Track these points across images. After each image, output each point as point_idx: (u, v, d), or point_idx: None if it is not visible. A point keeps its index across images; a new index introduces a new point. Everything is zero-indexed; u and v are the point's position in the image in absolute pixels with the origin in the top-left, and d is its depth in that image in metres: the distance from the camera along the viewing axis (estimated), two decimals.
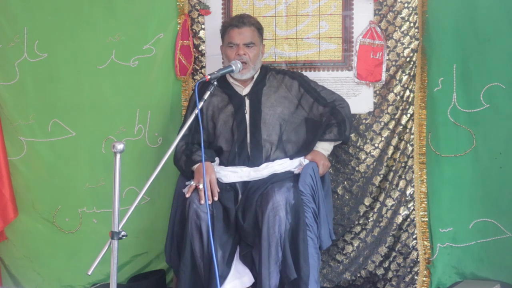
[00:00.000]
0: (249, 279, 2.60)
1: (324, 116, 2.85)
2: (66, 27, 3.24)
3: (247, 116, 2.81)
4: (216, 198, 2.58)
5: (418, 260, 3.07)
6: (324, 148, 2.84)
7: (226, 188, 2.66)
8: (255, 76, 2.86)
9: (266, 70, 2.92)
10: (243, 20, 2.79)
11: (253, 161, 2.75)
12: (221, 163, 2.80)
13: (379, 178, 3.11)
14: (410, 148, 3.08)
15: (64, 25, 3.24)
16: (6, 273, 3.33)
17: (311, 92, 2.88)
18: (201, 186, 2.55)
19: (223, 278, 2.50)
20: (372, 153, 3.11)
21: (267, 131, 2.78)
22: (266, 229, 2.47)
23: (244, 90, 2.85)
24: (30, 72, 3.27)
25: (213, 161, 2.73)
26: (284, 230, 2.47)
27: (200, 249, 2.53)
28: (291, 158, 2.79)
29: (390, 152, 3.10)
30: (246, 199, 2.65)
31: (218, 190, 2.60)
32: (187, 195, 2.59)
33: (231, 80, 2.86)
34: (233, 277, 2.59)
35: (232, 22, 2.80)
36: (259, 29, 2.85)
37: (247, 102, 2.83)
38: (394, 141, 3.10)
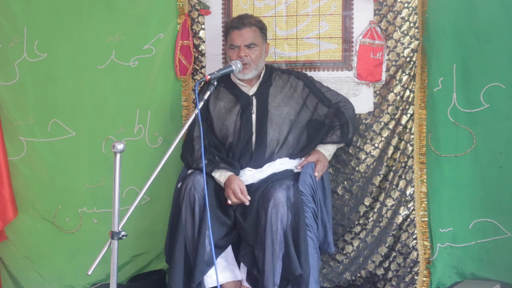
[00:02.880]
0: (239, 273, 2.66)
1: (328, 118, 2.85)
2: (66, 27, 3.24)
3: (254, 116, 2.81)
4: (247, 203, 2.61)
5: (418, 260, 3.07)
6: (327, 149, 2.84)
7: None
8: (261, 76, 2.86)
9: (271, 69, 2.92)
10: (243, 21, 2.78)
11: (256, 161, 2.76)
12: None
13: (379, 178, 3.11)
14: (410, 148, 3.08)
15: (64, 25, 3.24)
16: (6, 273, 3.33)
17: (315, 93, 2.88)
18: (229, 202, 2.62)
19: (209, 265, 2.52)
20: (372, 153, 3.11)
21: (273, 131, 2.79)
22: (269, 227, 2.48)
23: (251, 90, 2.85)
24: (30, 72, 3.27)
25: (237, 173, 2.72)
26: (286, 226, 2.49)
27: (191, 234, 2.56)
28: (291, 158, 2.80)
29: (390, 152, 3.10)
30: None
31: (249, 199, 2.62)
32: None
33: (236, 80, 2.86)
34: (225, 269, 2.64)
35: (233, 24, 2.79)
36: (261, 28, 2.83)
37: (254, 101, 2.83)
38: (394, 141, 3.10)
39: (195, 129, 2.82)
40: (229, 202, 2.62)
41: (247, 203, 2.60)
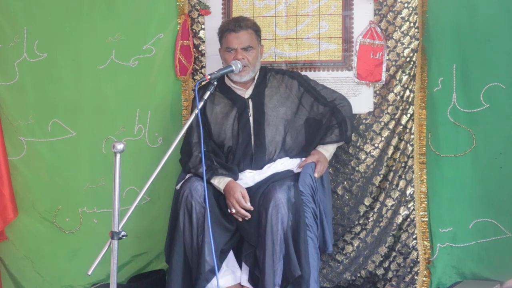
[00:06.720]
0: (240, 275, 2.65)
1: (325, 117, 2.85)
2: (66, 27, 3.24)
3: (251, 119, 2.80)
4: (247, 217, 2.60)
5: (418, 260, 3.07)
6: (327, 149, 2.84)
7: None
8: (256, 78, 2.86)
9: (266, 70, 2.91)
10: (240, 24, 2.76)
11: (256, 163, 2.76)
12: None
13: (379, 178, 3.11)
14: (410, 148, 3.08)
15: (64, 25, 3.24)
16: (6, 273, 3.33)
17: (310, 91, 2.88)
18: (233, 211, 2.60)
19: (213, 272, 2.51)
20: (372, 153, 3.11)
21: (271, 133, 2.78)
22: (270, 227, 2.48)
23: (246, 93, 2.84)
24: (30, 72, 3.27)
25: (236, 178, 2.71)
26: (286, 227, 2.49)
27: (189, 241, 2.56)
28: (291, 157, 2.80)
29: (390, 152, 3.10)
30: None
31: (251, 209, 2.61)
32: None
33: (232, 84, 2.85)
34: (226, 272, 2.64)
35: (229, 27, 2.77)
36: (257, 31, 2.82)
37: (250, 104, 2.83)
38: (394, 141, 3.10)
39: (193, 135, 2.81)
40: (233, 211, 2.61)
41: (249, 217, 2.59)
